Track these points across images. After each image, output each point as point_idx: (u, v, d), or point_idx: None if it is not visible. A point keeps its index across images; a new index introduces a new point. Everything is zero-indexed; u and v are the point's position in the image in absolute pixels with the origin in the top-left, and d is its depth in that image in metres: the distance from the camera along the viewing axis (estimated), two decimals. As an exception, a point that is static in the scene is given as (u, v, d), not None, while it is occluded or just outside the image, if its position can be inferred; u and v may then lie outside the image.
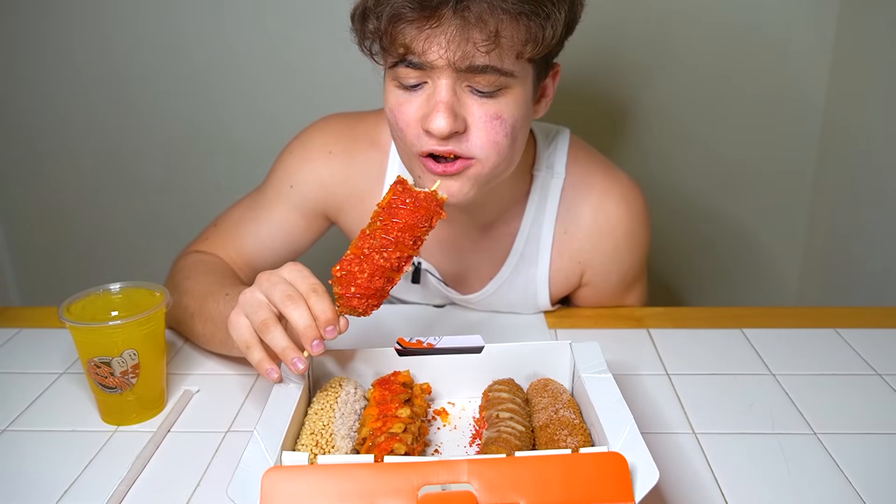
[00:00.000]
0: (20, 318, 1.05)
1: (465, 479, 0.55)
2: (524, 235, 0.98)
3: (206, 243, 1.02)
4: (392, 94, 0.79)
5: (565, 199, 0.98)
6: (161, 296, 0.81)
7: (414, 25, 0.72)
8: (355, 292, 0.69)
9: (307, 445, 0.66)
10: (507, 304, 1.04)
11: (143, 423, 0.81)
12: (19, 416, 0.82)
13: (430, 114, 0.75)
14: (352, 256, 0.70)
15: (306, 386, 0.74)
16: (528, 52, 0.74)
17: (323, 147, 1.00)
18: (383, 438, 0.67)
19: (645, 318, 1.04)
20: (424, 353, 0.79)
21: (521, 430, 0.70)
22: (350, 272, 0.70)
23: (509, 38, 0.72)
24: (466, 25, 0.70)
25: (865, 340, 0.96)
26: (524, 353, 0.80)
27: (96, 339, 0.76)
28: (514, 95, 0.77)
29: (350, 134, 1.00)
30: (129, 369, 0.78)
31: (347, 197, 1.00)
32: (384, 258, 0.70)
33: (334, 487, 0.54)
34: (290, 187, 1.00)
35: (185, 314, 0.91)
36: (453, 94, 0.75)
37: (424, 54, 0.73)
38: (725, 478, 0.71)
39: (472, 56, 0.72)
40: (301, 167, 1.00)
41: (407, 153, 0.82)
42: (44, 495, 0.69)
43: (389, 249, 0.70)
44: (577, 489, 0.54)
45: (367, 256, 0.70)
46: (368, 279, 0.69)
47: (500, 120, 0.76)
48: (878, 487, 0.69)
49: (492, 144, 0.77)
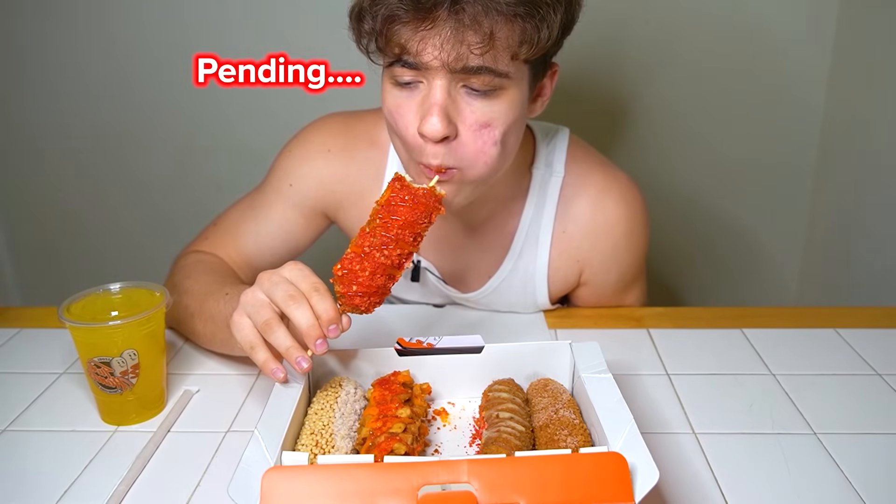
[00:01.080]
0: (20, 318, 1.05)
1: (465, 480, 0.55)
2: (523, 233, 0.99)
3: (206, 243, 1.03)
4: (389, 93, 0.79)
5: (564, 197, 0.98)
6: (161, 296, 0.81)
7: (409, 26, 0.72)
8: (357, 290, 0.70)
9: (307, 445, 0.66)
10: (507, 303, 1.04)
11: (144, 424, 0.81)
12: (19, 416, 0.82)
13: (424, 116, 0.76)
14: (353, 255, 0.70)
15: (307, 386, 0.74)
16: (523, 54, 0.74)
17: (322, 146, 1.00)
18: (383, 438, 0.67)
19: (645, 318, 1.04)
20: (424, 353, 0.79)
21: (520, 430, 0.69)
22: (351, 270, 0.70)
23: (504, 40, 0.72)
24: (461, 27, 0.71)
25: (865, 340, 0.96)
26: (524, 353, 0.80)
27: (96, 339, 0.76)
28: (509, 97, 0.77)
29: (349, 133, 1.01)
30: (129, 369, 0.78)
31: (347, 195, 1.00)
32: (385, 255, 0.70)
33: (334, 487, 0.54)
34: (289, 186, 1.00)
35: (185, 314, 0.91)
36: (447, 96, 0.75)
37: (419, 55, 0.73)
38: (725, 478, 0.71)
39: (466, 57, 0.72)
40: (300, 166, 1.00)
41: (404, 154, 0.83)
42: (44, 495, 0.69)
43: (390, 247, 0.70)
44: (577, 489, 0.54)
45: (368, 254, 0.70)
46: (370, 277, 0.69)
47: (490, 128, 0.77)
48: (878, 487, 0.69)
49: (479, 154, 0.78)
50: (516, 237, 0.99)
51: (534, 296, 1.02)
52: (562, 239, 0.99)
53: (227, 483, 0.57)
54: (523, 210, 0.98)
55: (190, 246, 1.04)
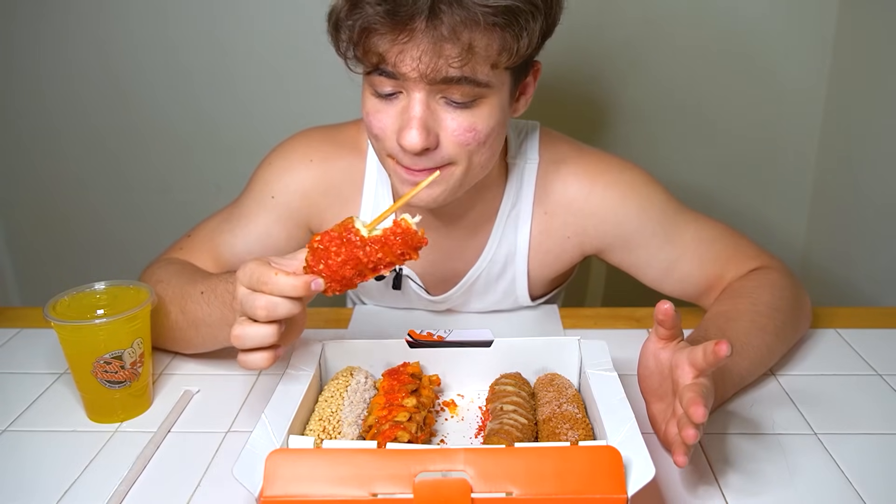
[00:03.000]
0: (20, 318, 1.05)
1: (460, 468, 0.56)
2: (502, 222, 0.98)
3: (180, 252, 0.99)
4: (369, 100, 0.79)
5: (541, 180, 0.97)
6: (147, 290, 0.82)
7: (386, 38, 0.72)
8: (323, 269, 0.66)
9: (315, 431, 0.68)
10: (485, 295, 1.03)
11: (143, 424, 0.81)
12: (19, 416, 0.83)
13: (403, 128, 0.76)
14: (335, 235, 0.66)
15: (317, 374, 0.76)
16: (503, 63, 0.74)
17: (304, 156, 0.98)
18: (388, 426, 0.68)
19: (645, 318, 1.04)
20: (435, 345, 0.81)
21: (523, 423, 0.71)
22: (326, 248, 0.66)
23: (483, 50, 0.72)
24: (439, 39, 0.70)
25: (865, 340, 0.96)
26: (533, 348, 0.81)
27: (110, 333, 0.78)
28: (490, 105, 0.77)
29: (330, 142, 0.99)
30: (137, 359, 0.80)
31: (329, 205, 0.99)
32: (364, 253, 0.66)
33: (335, 471, 0.56)
34: (271, 198, 0.98)
35: (170, 322, 0.88)
36: (427, 108, 0.75)
37: (397, 66, 0.73)
38: (725, 478, 0.71)
39: (444, 70, 0.72)
40: (282, 176, 0.98)
41: (381, 155, 0.83)
42: (44, 495, 0.69)
43: (375, 247, 0.66)
44: (571, 481, 0.55)
45: (350, 242, 0.66)
46: (341, 264, 0.66)
47: (474, 132, 0.77)
48: (878, 487, 0.69)
49: (464, 151, 0.79)
50: (495, 226, 0.98)
51: (513, 283, 1.01)
52: (543, 220, 0.98)
53: (227, 483, 0.58)
54: (501, 200, 0.97)
55: (161, 255, 1.00)
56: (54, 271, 1.86)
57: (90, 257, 1.84)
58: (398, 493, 0.55)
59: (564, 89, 1.56)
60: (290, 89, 1.62)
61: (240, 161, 1.65)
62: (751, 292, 0.90)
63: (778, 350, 0.88)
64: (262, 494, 0.55)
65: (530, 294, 1.03)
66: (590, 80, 1.57)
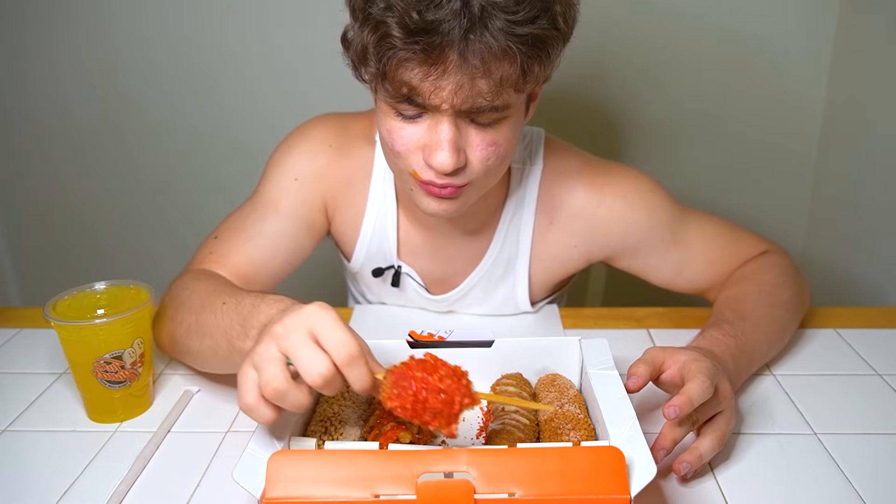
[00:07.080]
0: (20, 318, 1.05)
1: (463, 469, 0.56)
2: (504, 225, 0.98)
3: (211, 257, 0.94)
4: (390, 120, 0.79)
5: (545, 186, 0.97)
6: (147, 290, 0.82)
7: (418, 73, 0.71)
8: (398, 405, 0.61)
9: (316, 432, 0.68)
10: (486, 298, 1.03)
11: (143, 424, 0.81)
12: (19, 416, 0.83)
13: (433, 148, 0.76)
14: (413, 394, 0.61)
15: None
16: (528, 88, 0.75)
17: (323, 141, 0.99)
18: (389, 427, 0.68)
19: (645, 318, 1.04)
20: (435, 345, 0.81)
21: (525, 423, 0.71)
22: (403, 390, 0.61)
23: (511, 78, 0.72)
24: (471, 72, 0.70)
25: (865, 340, 0.96)
26: (534, 348, 0.81)
27: (110, 333, 0.77)
28: (511, 122, 0.79)
29: (346, 130, 1.00)
30: (137, 359, 0.80)
31: (345, 192, 1.00)
32: (438, 400, 0.61)
33: (337, 472, 0.56)
34: (294, 180, 0.98)
35: (181, 330, 0.83)
36: (456, 130, 0.76)
37: (430, 99, 0.73)
38: (725, 478, 0.71)
39: (476, 101, 0.73)
40: (303, 158, 0.98)
41: (400, 169, 0.82)
42: (44, 495, 0.69)
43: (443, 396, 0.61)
44: (574, 481, 0.55)
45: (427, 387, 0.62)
46: (414, 395, 0.61)
47: (496, 146, 0.79)
48: (878, 487, 0.69)
49: (485, 169, 0.80)
50: (497, 230, 0.98)
51: (514, 287, 1.02)
52: (547, 227, 0.98)
53: (227, 483, 0.58)
54: (505, 204, 0.98)
55: (190, 264, 0.96)
56: (54, 271, 1.86)
57: (90, 257, 1.84)
58: (401, 495, 0.55)
59: (570, 98, 1.56)
60: (291, 89, 1.62)
61: (240, 161, 1.66)
62: (754, 274, 0.96)
63: (790, 324, 0.94)
64: (265, 496, 0.55)
65: (531, 299, 1.03)
66: (592, 86, 1.57)
